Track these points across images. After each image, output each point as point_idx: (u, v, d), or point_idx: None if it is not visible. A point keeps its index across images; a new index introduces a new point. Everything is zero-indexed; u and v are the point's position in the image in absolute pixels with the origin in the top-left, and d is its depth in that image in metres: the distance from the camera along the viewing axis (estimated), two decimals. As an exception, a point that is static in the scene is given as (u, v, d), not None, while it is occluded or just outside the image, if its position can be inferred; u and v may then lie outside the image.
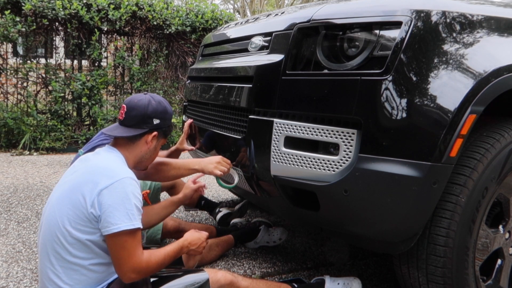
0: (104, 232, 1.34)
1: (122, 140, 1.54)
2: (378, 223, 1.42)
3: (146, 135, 1.55)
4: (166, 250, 1.49)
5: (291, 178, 1.50)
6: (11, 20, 4.66)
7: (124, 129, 1.53)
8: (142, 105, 1.54)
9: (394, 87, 1.32)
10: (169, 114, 1.62)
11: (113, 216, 1.32)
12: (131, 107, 1.55)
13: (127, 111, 1.55)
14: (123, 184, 1.37)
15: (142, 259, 1.37)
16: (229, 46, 2.15)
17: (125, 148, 1.54)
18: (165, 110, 1.59)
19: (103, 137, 2.05)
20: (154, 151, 1.62)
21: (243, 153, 1.70)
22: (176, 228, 2.26)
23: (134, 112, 1.53)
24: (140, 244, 1.39)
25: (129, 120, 1.54)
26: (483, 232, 1.53)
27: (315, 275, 2.05)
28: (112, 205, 1.33)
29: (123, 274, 1.36)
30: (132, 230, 1.35)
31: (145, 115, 1.53)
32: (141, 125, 1.54)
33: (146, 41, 5.75)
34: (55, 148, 5.02)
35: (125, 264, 1.34)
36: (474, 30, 1.43)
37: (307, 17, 1.54)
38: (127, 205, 1.35)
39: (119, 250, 1.34)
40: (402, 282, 1.65)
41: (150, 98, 1.58)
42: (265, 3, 15.23)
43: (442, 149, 1.31)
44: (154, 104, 1.56)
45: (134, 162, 1.57)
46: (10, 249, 2.27)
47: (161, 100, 1.61)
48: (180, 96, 6.01)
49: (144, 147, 1.56)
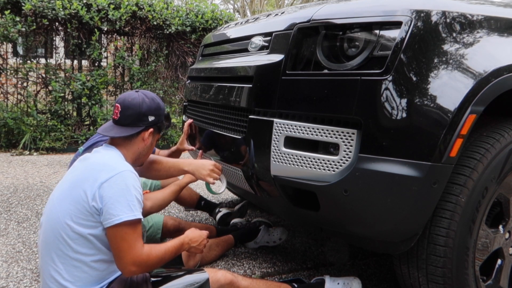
0: (106, 224, 1.35)
1: (119, 139, 1.56)
2: (378, 223, 1.42)
3: (142, 133, 1.57)
4: (167, 245, 1.50)
5: (291, 178, 1.50)
6: (11, 20, 4.66)
7: (120, 128, 1.54)
8: (137, 103, 1.55)
9: (394, 87, 1.32)
10: (162, 110, 1.64)
11: (114, 207, 1.34)
12: (126, 106, 1.55)
13: (121, 111, 1.55)
14: (123, 176, 1.39)
15: (143, 252, 1.38)
16: (229, 46, 2.15)
17: (122, 146, 1.55)
18: (158, 106, 1.61)
19: (101, 135, 2.05)
20: (150, 147, 1.64)
21: (243, 153, 1.70)
22: (176, 227, 2.27)
23: (129, 111, 1.54)
24: (140, 237, 1.40)
25: (124, 119, 1.55)
26: (483, 232, 1.53)
27: (315, 275, 2.05)
28: (113, 197, 1.35)
29: (123, 267, 1.37)
30: (133, 221, 1.36)
31: (140, 113, 1.55)
32: (137, 123, 1.55)
33: (146, 41, 5.75)
34: (55, 148, 5.02)
35: (126, 256, 1.35)
36: (474, 30, 1.43)
37: (307, 17, 1.54)
38: (128, 197, 1.37)
39: (119, 241, 1.35)
40: (402, 282, 1.65)
41: (144, 96, 1.59)
42: (265, 3, 15.23)
43: (442, 149, 1.31)
44: (147, 101, 1.57)
45: (133, 159, 1.58)
46: (10, 249, 2.27)
47: (154, 96, 1.63)
48: (180, 96, 6.01)
49: (141, 144, 1.59)
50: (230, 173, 1.89)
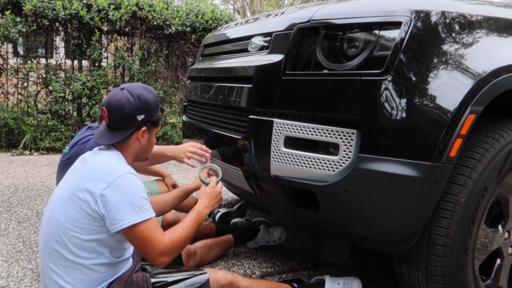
0: (113, 230, 1.33)
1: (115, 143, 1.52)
2: (378, 223, 1.43)
3: (135, 133, 1.50)
4: (184, 223, 1.51)
5: (291, 178, 1.51)
6: (12, 20, 4.66)
7: (112, 133, 1.49)
8: (120, 106, 1.45)
9: (394, 87, 1.32)
10: (152, 104, 1.51)
11: (119, 212, 1.32)
12: (111, 110, 1.47)
13: (109, 115, 1.48)
14: (124, 179, 1.37)
15: (165, 241, 1.39)
16: (229, 46, 2.15)
17: (120, 147, 1.52)
18: (146, 102, 1.48)
19: (90, 132, 2.03)
20: (148, 143, 1.58)
21: (243, 153, 1.70)
22: (176, 220, 2.27)
23: (116, 115, 1.46)
24: (158, 229, 1.39)
25: (113, 124, 1.48)
26: (483, 231, 1.54)
27: (315, 275, 2.06)
28: (116, 202, 1.33)
29: (154, 261, 1.40)
30: (142, 222, 1.35)
31: (126, 115, 1.46)
32: (127, 126, 1.48)
33: (146, 41, 5.75)
34: (55, 148, 5.02)
35: (151, 252, 1.38)
36: (473, 30, 1.43)
37: (307, 17, 1.54)
38: (132, 200, 1.35)
39: (139, 242, 1.37)
40: (401, 282, 1.65)
41: (128, 95, 1.46)
42: (265, 3, 15.23)
43: (441, 149, 1.32)
44: (132, 100, 1.46)
45: (132, 158, 1.56)
46: (11, 248, 2.27)
47: (140, 92, 1.49)
48: (180, 96, 6.01)
49: (137, 143, 1.53)
50: (230, 173, 1.89)
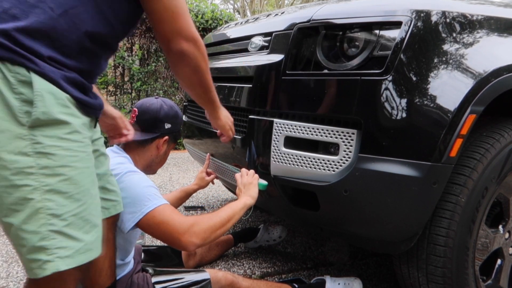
0: (128, 227, 1.31)
1: (132, 143, 1.53)
2: (378, 223, 1.42)
3: (157, 140, 1.56)
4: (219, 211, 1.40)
5: (291, 178, 1.50)
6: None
7: (136, 132, 1.52)
8: (154, 109, 1.55)
9: (394, 87, 1.32)
10: (179, 119, 1.65)
11: (126, 211, 1.30)
12: (143, 110, 1.55)
13: (138, 115, 1.55)
14: (127, 177, 1.36)
15: (188, 220, 1.29)
16: (229, 46, 2.15)
17: (135, 152, 1.52)
18: (176, 114, 1.62)
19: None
20: (164, 156, 1.63)
21: (243, 153, 1.70)
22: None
23: (146, 115, 1.54)
24: (174, 212, 1.31)
25: (140, 124, 1.54)
26: (483, 232, 1.53)
27: (315, 275, 2.06)
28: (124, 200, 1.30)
29: (179, 243, 1.28)
30: (155, 209, 1.30)
31: (157, 119, 1.55)
32: (153, 129, 1.54)
33: (146, 41, 5.75)
34: (55, 148, 5.02)
35: (172, 234, 1.27)
36: (474, 30, 1.43)
37: (307, 17, 1.54)
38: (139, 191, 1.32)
39: (156, 228, 1.29)
40: (402, 282, 1.65)
41: (162, 103, 1.59)
42: (265, 3, 15.23)
43: (442, 149, 1.31)
44: (166, 108, 1.58)
45: (144, 166, 1.56)
46: (11, 248, 2.27)
47: (173, 104, 1.63)
48: (180, 96, 6.01)
49: (154, 151, 1.57)
50: (230, 173, 1.89)
